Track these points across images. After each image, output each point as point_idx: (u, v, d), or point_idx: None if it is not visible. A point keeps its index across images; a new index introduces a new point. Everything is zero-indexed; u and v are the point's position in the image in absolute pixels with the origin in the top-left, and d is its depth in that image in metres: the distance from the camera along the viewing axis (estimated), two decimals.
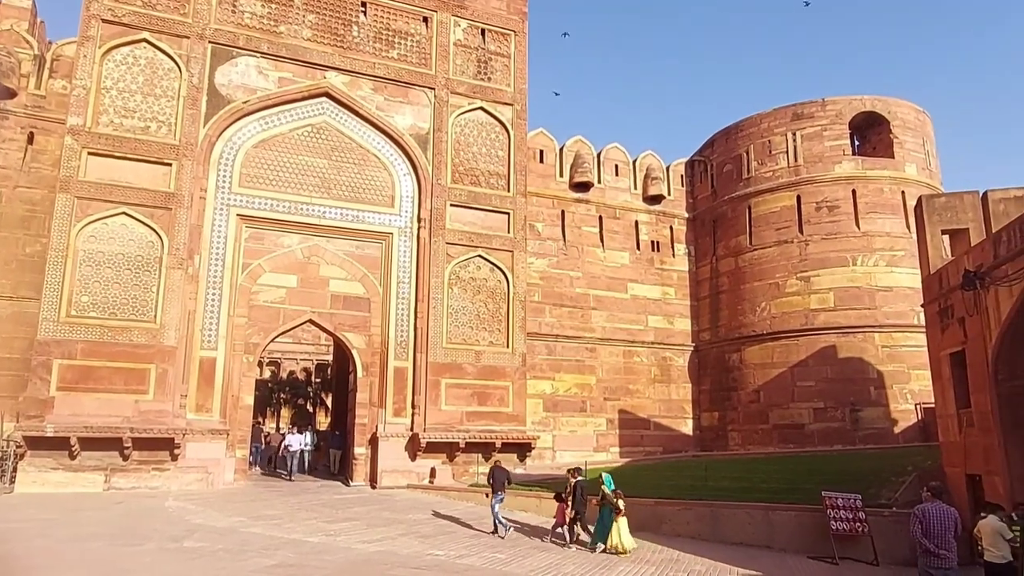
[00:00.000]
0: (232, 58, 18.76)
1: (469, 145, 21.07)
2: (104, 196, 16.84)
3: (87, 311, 16.29)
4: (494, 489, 13.10)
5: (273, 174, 18.98)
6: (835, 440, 21.30)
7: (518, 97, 21.85)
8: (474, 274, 20.31)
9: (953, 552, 7.72)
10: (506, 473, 13.64)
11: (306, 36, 19.69)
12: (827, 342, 22.38)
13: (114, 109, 17.40)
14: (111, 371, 16.18)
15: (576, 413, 23.50)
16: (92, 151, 16.95)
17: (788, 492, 14.59)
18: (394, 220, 20.10)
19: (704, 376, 25.60)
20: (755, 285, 24.23)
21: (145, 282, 16.85)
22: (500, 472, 13.39)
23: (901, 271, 22.43)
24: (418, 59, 20.90)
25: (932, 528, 7.87)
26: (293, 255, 19.05)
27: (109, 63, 17.54)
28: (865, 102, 24.47)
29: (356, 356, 19.37)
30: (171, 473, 16.50)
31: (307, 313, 19.08)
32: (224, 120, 18.40)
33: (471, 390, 19.45)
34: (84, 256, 16.51)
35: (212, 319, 17.81)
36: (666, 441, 24.61)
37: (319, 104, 19.80)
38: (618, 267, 25.35)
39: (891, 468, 15.59)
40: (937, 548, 7.77)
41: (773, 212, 24.37)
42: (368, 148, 20.16)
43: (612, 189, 25.90)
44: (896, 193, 23.35)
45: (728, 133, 26.44)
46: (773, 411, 22.97)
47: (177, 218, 17.30)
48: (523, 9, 22.65)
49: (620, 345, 24.71)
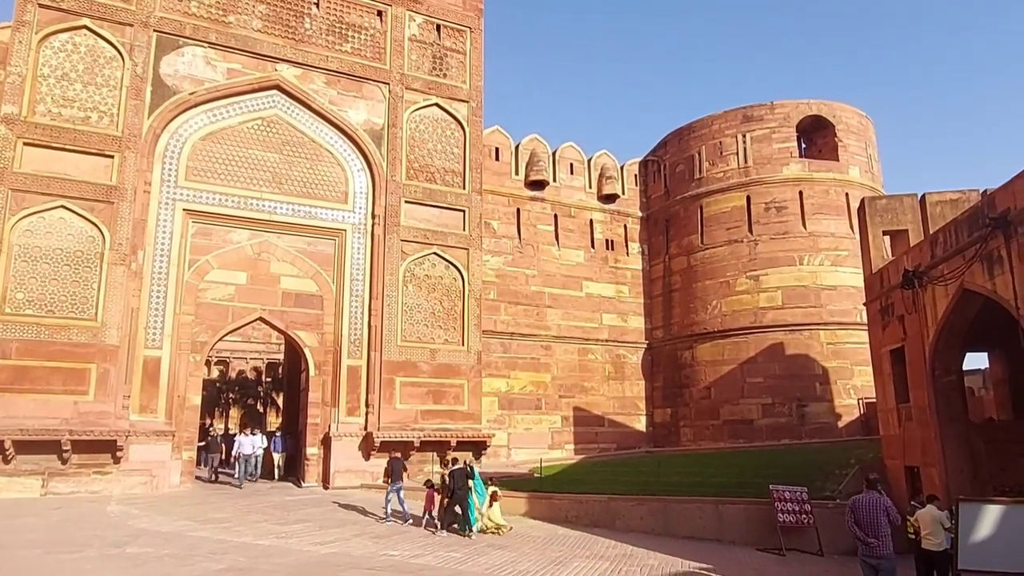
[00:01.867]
0: (178, 48, 18.18)
1: (424, 142, 20.90)
2: (41, 188, 16.12)
3: (22, 308, 15.58)
4: (392, 480, 14.20)
5: (222, 168, 18.47)
6: (783, 435, 21.87)
7: (474, 94, 21.77)
8: (429, 272, 20.16)
9: (884, 540, 8.04)
10: (402, 463, 14.87)
11: (256, 27, 19.22)
12: (775, 339, 22.96)
13: (52, 98, 16.67)
14: (48, 371, 15.51)
15: (531, 411, 23.56)
16: (28, 141, 16.21)
17: (738, 486, 14.93)
18: (348, 216, 19.79)
19: (657, 373, 25.98)
20: (707, 284, 24.69)
21: (85, 278, 16.20)
22: (397, 463, 14.53)
23: (845, 271, 23.14)
24: (372, 53, 20.63)
25: (863, 518, 8.28)
26: (243, 251, 18.58)
27: (47, 50, 16.80)
28: (812, 106, 25.15)
29: (308, 355, 19.02)
30: (113, 476, 15.92)
31: (257, 311, 18.64)
32: (170, 111, 17.82)
33: (426, 388, 19.31)
34: (19, 251, 15.78)
35: (157, 317, 17.24)
36: (620, 438, 24.89)
37: (270, 97, 19.36)
38: (573, 265, 25.50)
39: (835, 461, 16.09)
40: (866, 536, 8.10)
41: (724, 212, 24.85)
42: (321, 143, 19.80)
43: (567, 188, 26.03)
44: (841, 195, 24.08)
45: (681, 134, 26.85)
46: (724, 407, 23.45)
47: (120, 212, 16.68)
48: (479, 6, 22.57)
49: (575, 343, 24.87)
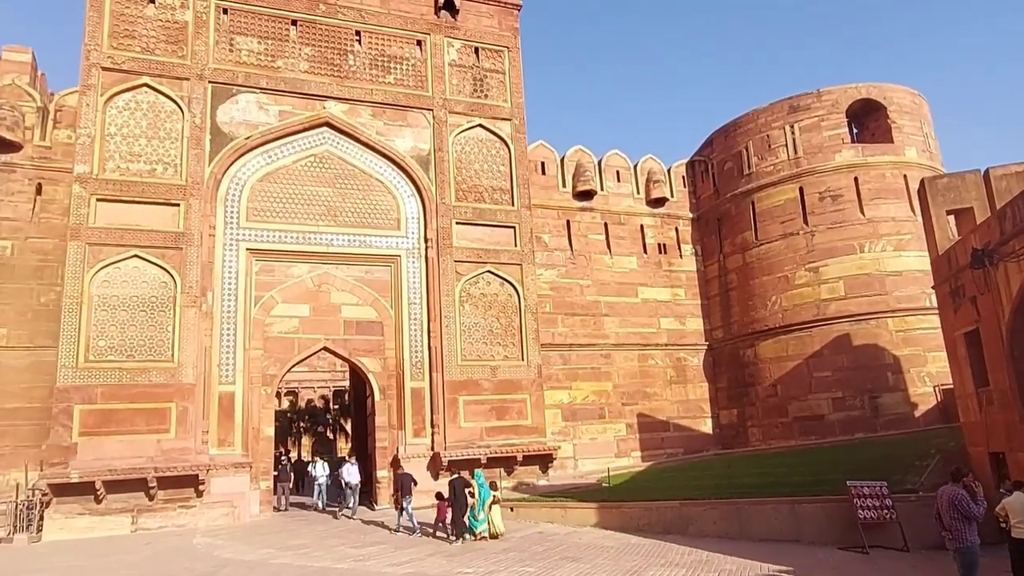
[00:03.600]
0: (232, 96, 19.08)
1: (471, 162, 21.27)
2: (115, 240, 17.11)
3: (105, 355, 16.50)
4: (402, 494, 14.96)
5: (279, 206, 19.23)
6: (856, 429, 21.17)
7: (516, 111, 22.06)
8: (484, 290, 20.43)
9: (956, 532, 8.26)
10: (411, 478, 15.46)
11: (303, 68, 20.00)
12: (840, 331, 22.31)
13: (119, 154, 17.71)
14: (132, 412, 16.35)
15: (595, 420, 23.49)
16: (100, 197, 17.25)
17: (813, 484, 14.55)
18: (401, 242, 20.28)
19: (720, 374, 25.55)
20: (764, 280, 24.22)
21: (160, 322, 17.07)
22: (406, 478, 15.32)
23: (909, 255, 22.37)
24: (414, 82, 21.17)
25: (941, 510, 8.49)
26: (304, 284, 19.24)
27: (112, 110, 17.89)
28: (860, 90, 24.51)
29: (372, 380, 19.49)
30: (197, 510, 16.62)
31: (321, 341, 19.24)
32: (228, 157, 18.68)
33: (489, 405, 19.51)
34: (99, 301, 16.75)
35: (228, 354, 18.00)
36: (687, 442, 24.54)
37: (320, 134, 20.07)
38: (626, 272, 25.40)
39: (914, 453, 15.53)
40: (942, 528, 8.40)
41: (777, 206, 24.38)
42: (371, 173, 20.39)
43: (615, 195, 26.01)
44: (898, 178, 23.34)
45: (726, 131, 26.53)
46: (792, 404, 22.88)
47: (188, 257, 17.54)
48: (514, 25, 22.92)
49: (634, 349, 24.72)
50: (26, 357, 18.18)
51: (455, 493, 13.90)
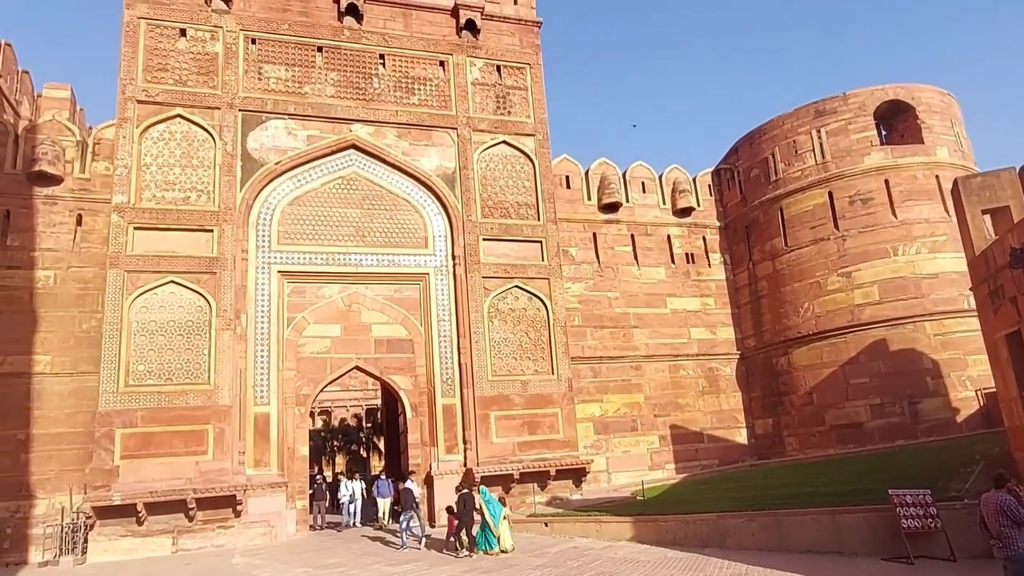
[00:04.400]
0: (262, 122, 19.54)
1: (496, 179, 21.44)
2: (152, 267, 17.59)
3: (144, 379, 16.91)
4: (404, 509, 15.74)
5: (309, 228, 19.58)
6: (896, 436, 20.69)
7: (539, 127, 22.22)
8: (513, 305, 20.51)
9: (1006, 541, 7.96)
10: (412, 493, 16.21)
11: (330, 93, 20.41)
12: (876, 336, 21.88)
13: (155, 184, 18.24)
14: (171, 435, 16.71)
15: (627, 433, 23.30)
16: (138, 226, 17.76)
17: (853, 494, 14.24)
18: (429, 260, 20.48)
19: (753, 383, 25.21)
20: (795, 286, 23.90)
21: (197, 345, 17.45)
22: (407, 493, 16.07)
23: (945, 256, 21.92)
24: (438, 102, 21.46)
25: (987, 517, 8.17)
26: (335, 304, 19.52)
27: (147, 141, 18.45)
28: (887, 91, 24.20)
29: (404, 397, 19.64)
30: (236, 530, 16.85)
31: (353, 360, 19.48)
32: (259, 182, 19.11)
33: (520, 420, 19.52)
34: (137, 326, 17.19)
35: (263, 375, 18.30)
36: (721, 453, 24.21)
37: (347, 156, 20.42)
38: (655, 283, 25.28)
39: (958, 459, 15.12)
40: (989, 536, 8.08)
41: (806, 211, 24.10)
42: (398, 193, 20.67)
43: (641, 207, 25.96)
44: (930, 178, 22.94)
45: (751, 138, 26.36)
46: (828, 412, 22.45)
47: (222, 281, 17.93)
48: (535, 42, 23.15)
49: (665, 360, 24.53)
50: (69, 383, 18.69)
51: (463, 507, 14.19)
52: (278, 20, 20.37)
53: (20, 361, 18.47)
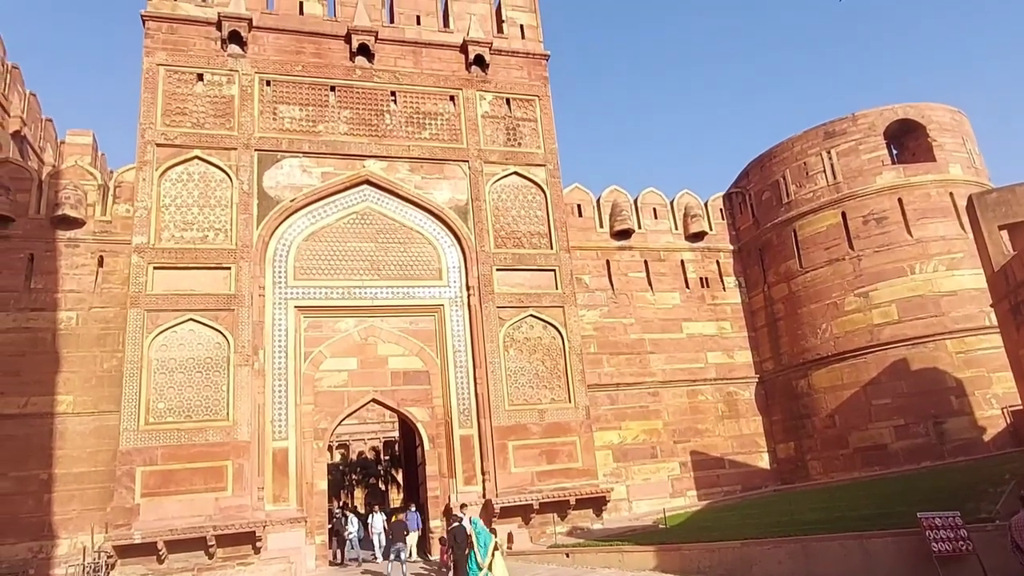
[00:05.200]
0: (277, 161, 19.93)
1: (508, 209, 21.63)
2: (171, 306, 17.85)
3: (164, 417, 17.05)
4: (393, 540, 16.48)
5: (325, 263, 19.81)
6: (922, 457, 20.31)
7: (549, 157, 22.45)
8: (528, 334, 20.52)
9: None
10: (404, 526, 17.14)
11: (343, 131, 20.81)
12: (897, 356, 21.61)
13: (174, 224, 18.60)
14: (190, 472, 16.77)
15: (647, 460, 23.04)
16: (157, 265, 18.08)
17: (881, 518, 13.97)
18: (444, 292, 20.60)
19: (773, 406, 24.91)
20: (812, 308, 23.73)
21: (215, 382, 17.60)
22: (398, 526, 16.92)
23: (963, 273, 21.72)
24: (449, 135, 21.79)
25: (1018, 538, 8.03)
26: (351, 338, 19.64)
27: (166, 182, 18.86)
28: (896, 111, 24.26)
29: (421, 429, 19.62)
30: (255, 566, 16.76)
31: (370, 393, 19.52)
32: (275, 220, 19.43)
33: (539, 449, 19.40)
34: (157, 364, 17.39)
35: (280, 410, 18.39)
36: (744, 478, 23.85)
37: (361, 191, 20.72)
38: (670, 308, 25.21)
39: (987, 479, 14.80)
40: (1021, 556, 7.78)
41: (819, 232, 24.04)
42: (411, 226, 20.89)
43: (653, 232, 26.02)
44: (944, 195, 22.85)
45: (762, 161, 26.45)
46: (852, 434, 22.10)
47: (240, 317, 18.14)
48: (544, 75, 23.51)
49: (682, 386, 24.34)
50: (91, 422, 18.89)
51: (454, 541, 13.91)
52: (292, 62, 20.89)
53: (43, 401, 18.72)
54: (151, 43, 19.80)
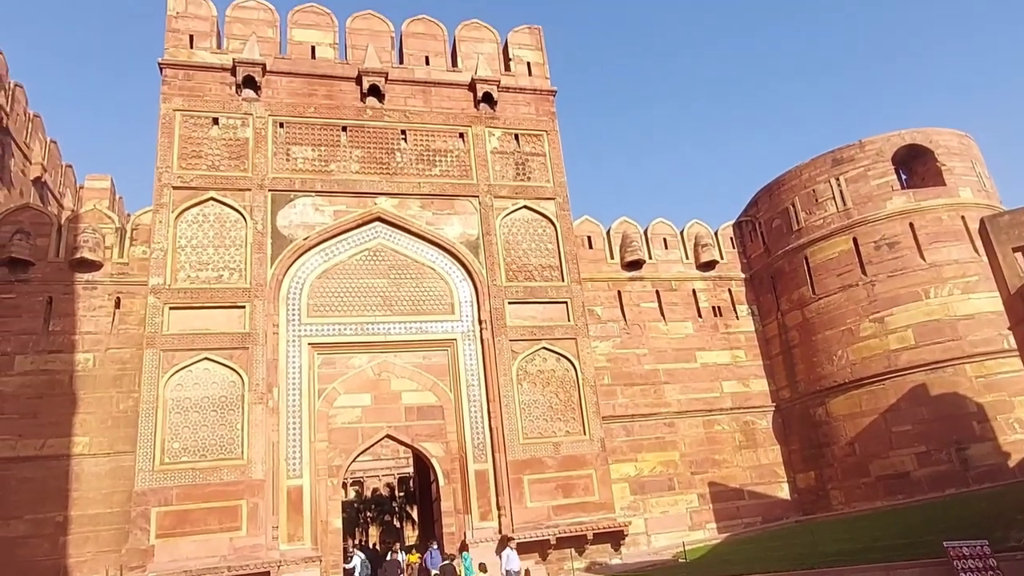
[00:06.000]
0: (290, 201, 20.26)
1: (519, 243, 21.77)
2: (186, 345, 18.01)
3: (179, 456, 17.08)
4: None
5: (338, 300, 19.97)
6: (946, 484, 19.88)
7: (559, 191, 22.66)
8: (541, 366, 20.48)
9: None
10: (397, 565, 17.49)
11: (354, 170, 21.15)
12: (916, 381, 21.33)
13: (189, 264, 18.86)
14: (205, 512, 16.73)
15: (665, 492, 22.70)
16: (173, 305, 18.30)
17: (906, 547, 13.69)
18: (456, 326, 20.66)
19: (791, 435, 24.56)
20: (827, 334, 23.54)
21: (230, 420, 17.64)
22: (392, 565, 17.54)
23: (979, 296, 21.54)
24: (459, 172, 22.07)
25: None
26: (364, 374, 19.68)
27: (182, 224, 19.20)
28: (904, 136, 24.35)
29: (436, 465, 19.49)
30: None
31: (384, 429, 19.48)
32: (288, 258, 19.66)
33: (554, 483, 19.20)
34: (172, 404, 17.49)
35: (295, 447, 18.37)
36: (764, 509, 23.40)
37: (373, 229, 20.97)
38: (683, 338, 25.10)
39: (1014, 506, 14.50)
40: None
41: (831, 258, 23.98)
42: (423, 262, 21.06)
43: (664, 262, 26.05)
44: (956, 219, 22.79)
45: (771, 189, 26.53)
46: (873, 462, 21.71)
47: (254, 355, 18.26)
48: (551, 110, 23.87)
49: (698, 416, 24.09)
50: (107, 463, 18.91)
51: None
52: (304, 104, 21.36)
53: (60, 443, 18.79)
54: (168, 89, 20.35)
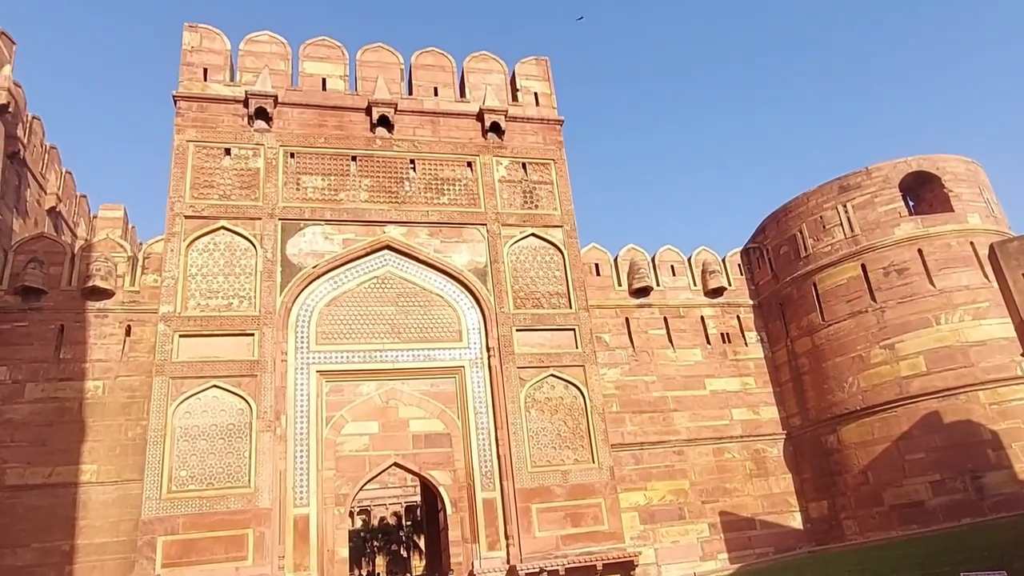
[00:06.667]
0: (300, 229, 20.46)
1: (526, 270, 21.85)
2: (195, 373, 18.09)
3: (186, 485, 17.04)
4: None
5: (346, 328, 20.05)
6: (961, 513, 19.54)
7: (566, 218, 22.78)
8: (549, 394, 20.42)
9: None
10: None
11: (363, 198, 21.38)
12: (928, 408, 21.10)
13: (200, 292, 19.03)
14: (211, 541, 16.63)
15: (675, 522, 22.40)
16: (183, 333, 18.41)
17: None
18: (464, 353, 20.66)
19: (803, 463, 24.26)
20: (837, 361, 23.38)
21: (238, 448, 17.63)
22: None
23: (990, 323, 21.39)
24: (467, 200, 22.27)
25: None
26: (372, 402, 19.68)
27: (193, 252, 19.41)
28: (911, 163, 24.42)
29: (443, 493, 19.37)
30: None
31: (391, 457, 19.40)
32: (297, 286, 19.81)
33: (563, 512, 19.01)
34: (180, 432, 17.51)
35: (302, 475, 18.31)
36: (776, 539, 23.02)
37: (382, 257, 21.12)
38: (691, 365, 24.98)
39: None
40: None
41: (840, 285, 23.91)
42: (431, 289, 21.16)
43: (672, 289, 26.04)
44: (965, 245, 22.74)
45: (777, 216, 26.59)
46: (886, 491, 21.38)
47: (262, 383, 18.31)
48: (558, 139, 24.11)
49: (708, 444, 23.87)
50: (114, 492, 18.91)
51: None
52: (315, 135, 21.70)
53: (68, 471, 18.83)
54: (182, 121, 20.75)
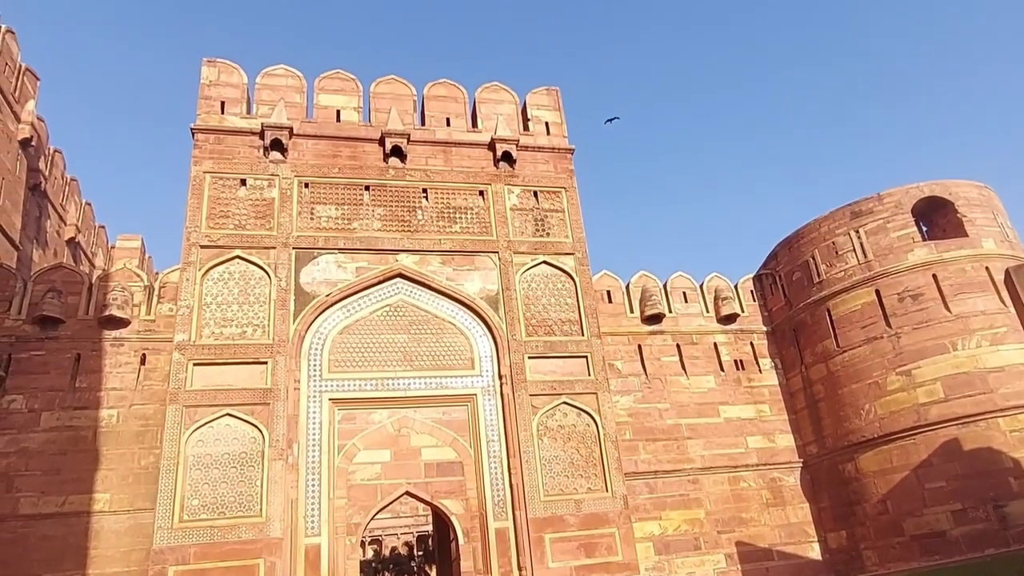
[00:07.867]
0: (314, 258, 20.67)
1: (538, 298, 21.89)
2: (209, 401, 18.18)
3: (198, 514, 17.02)
4: None
5: (359, 356, 20.12)
6: (985, 544, 19.07)
7: (577, 246, 22.86)
8: (561, 421, 20.30)
9: None
10: None
11: (376, 227, 21.60)
12: (947, 436, 20.74)
13: (214, 321, 19.21)
14: (222, 571, 16.52)
15: (690, 552, 22.02)
16: (197, 361, 18.54)
17: None
18: (476, 381, 20.64)
19: (820, 492, 23.86)
20: (853, 388, 23.11)
21: (249, 477, 17.62)
22: None
23: (1009, 348, 21.11)
24: (479, 228, 22.44)
25: None
26: (384, 430, 19.65)
27: (208, 281, 19.64)
28: (923, 188, 24.36)
29: (455, 523, 19.20)
30: None
31: (403, 485, 19.29)
32: (311, 314, 19.94)
33: (576, 542, 18.77)
34: (193, 460, 17.53)
35: (313, 504, 18.24)
36: (794, 571, 22.54)
37: (394, 285, 21.25)
38: (705, 392, 24.78)
39: None
40: None
41: (854, 311, 23.73)
42: (443, 317, 21.23)
43: (684, 316, 25.95)
44: (980, 270, 22.55)
45: (789, 243, 26.54)
46: (907, 520, 20.95)
47: (275, 411, 18.35)
48: (569, 168, 24.31)
49: (723, 472, 23.55)
50: (126, 520, 18.89)
51: None
52: (329, 165, 22.02)
53: (81, 500, 18.87)
54: (199, 153, 21.15)
